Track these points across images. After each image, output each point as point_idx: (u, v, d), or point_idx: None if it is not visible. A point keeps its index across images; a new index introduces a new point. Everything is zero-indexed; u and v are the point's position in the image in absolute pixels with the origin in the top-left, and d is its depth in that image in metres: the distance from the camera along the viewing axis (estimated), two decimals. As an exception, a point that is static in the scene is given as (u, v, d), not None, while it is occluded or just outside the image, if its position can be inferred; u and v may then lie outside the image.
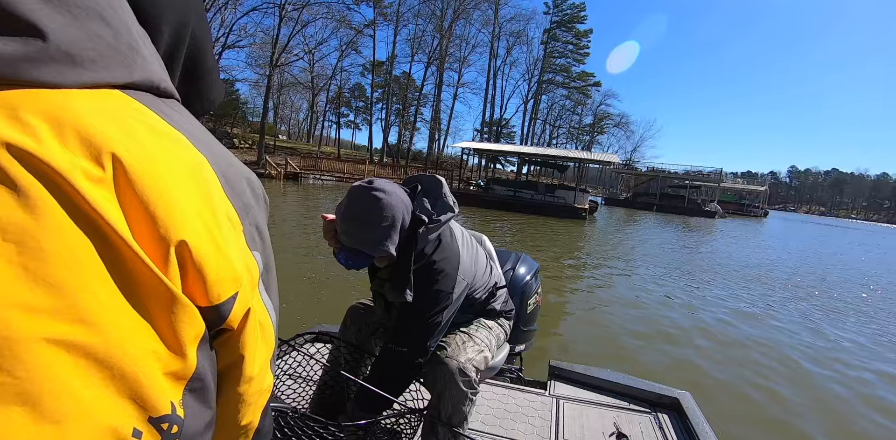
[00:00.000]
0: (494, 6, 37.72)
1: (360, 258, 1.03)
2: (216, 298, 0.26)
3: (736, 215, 38.47)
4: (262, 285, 0.33)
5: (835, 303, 6.12)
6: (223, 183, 0.29)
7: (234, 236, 0.29)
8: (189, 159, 0.27)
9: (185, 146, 0.27)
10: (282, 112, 45.14)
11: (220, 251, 0.26)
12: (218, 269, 0.26)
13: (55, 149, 0.20)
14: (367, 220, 0.98)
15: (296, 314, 3.41)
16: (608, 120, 49.81)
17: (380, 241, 0.99)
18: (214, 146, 0.30)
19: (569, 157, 21.10)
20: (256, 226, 0.32)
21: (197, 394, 0.26)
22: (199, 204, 0.26)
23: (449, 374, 1.09)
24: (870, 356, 3.95)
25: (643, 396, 1.72)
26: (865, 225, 70.71)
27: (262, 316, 0.32)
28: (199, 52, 0.36)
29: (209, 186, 0.27)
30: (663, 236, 14.48)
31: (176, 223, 0.24)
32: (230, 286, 0.27)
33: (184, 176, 0.25)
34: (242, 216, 0.30)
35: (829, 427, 2.60)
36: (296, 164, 23.04)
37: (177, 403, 0.24)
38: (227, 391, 0.31)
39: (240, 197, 0.30)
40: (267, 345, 0.34)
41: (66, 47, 0.22)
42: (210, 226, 0.26)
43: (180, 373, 0.25)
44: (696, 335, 3.99)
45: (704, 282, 6.53)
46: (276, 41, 25.37)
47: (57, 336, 0.19)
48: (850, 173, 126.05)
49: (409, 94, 38.60)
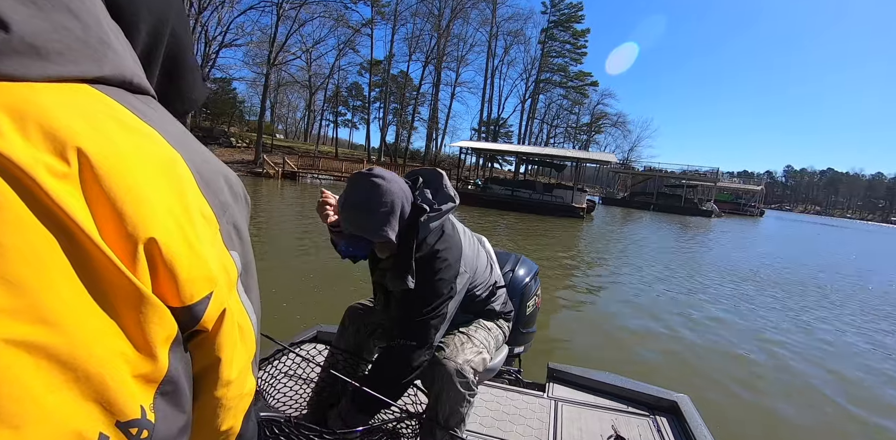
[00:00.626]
0: (492, 5, 37.71)
1: (361, 245, 1.03)
2: (188, 298, 0.26)
3: (732, 214, 38.65)
4: (240, 286, 0.32)
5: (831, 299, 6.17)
6: (198, 180, 0.28)
7: (209, 235, 0.28)
8: (161, 155, 0.26)
9: (158, 142, 0.26)
10: (279, 111, 45.08)
11: (193, 250, 0.26)
12: (190, 268, 0.25)
13: (16, 142, 0.20)
14: (367, 207, 0.99)
15: (295, 314, 3.41)
16: (605, 119, 49.92)
17: (380, 227, 0.99)
18: (190, 143, 0.29)
19: (567, 156, 21.14)
20: (234, 226, 0.32)
21: (169, 397, 0.25)
22: (170, 201, 0.25)
23: (447, 375, 1.09)
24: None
25: (641, 399, 1.72)
26: (864, 224, 71.19)
27: (240, 317, 0.31)
28: (179, 50, 0.35)
29: (182, 183, 0.26)
30: (660, 235, 14.53)
31: (145, 220, 0.23)
32: (203, 286, 0.27)
33: (154, 172, 0.25)
34: (219, 214, 0.29)
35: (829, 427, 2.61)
36: (293, 163, 22.99)
37: (147, 407, 0.24)
38: (205, 395, 0.30)
39: (216, 195, 0.30)
40: (247, 348, 0.32)
41: (30, 39, 0.22)
42: (182, 223, 0.25)
43: (151, 375, 0.24)
44: (697, 335, 4.00)
45: (703, 281, 6.56)
46: (274, 40, 25.30)
47: (16, 337, 0.18)
48: (845, 173, 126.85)
49: (406, 93, 38.55)
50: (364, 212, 0.99)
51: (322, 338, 2.05)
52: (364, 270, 1.26)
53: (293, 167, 22.64)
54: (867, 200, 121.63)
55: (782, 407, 2.79)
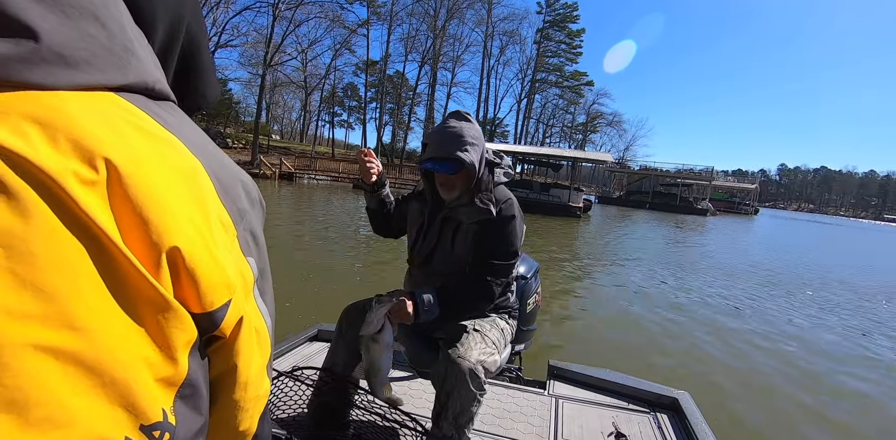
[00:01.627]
0: (488, 6, 37.71)
1: (447, 164, 1.16)
2: (209, 305, 0.26)
3: (727, 213, 38.83)
4: (257, 291, 0.33)
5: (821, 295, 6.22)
6: (217, 187, 0.28)
7: (227, 242, 0.28)
8: (183, 164, 0.26)
9: (180, 150, 0.27)
10: (274, 111, 44.87)
11: (213, 257, 0.26)
12: (210, 276, 0.26)
13: (46, 152, 0.20)
14: (461, 133, 1.15)
15: (295, 314, 3.40)
16: (601, 119, 50.16)
17: (467, 151, 1.14)
18: (209, 148, 0.30)
19: (564, 156, 21.18)
20: (251, 232, 0.32)
21: (188, 400, 0.26)
22: (191, 209, 0.26)
23: (461, 375, 1.09)
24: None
25: (642, 396, 1.72)
26: (858, 222, 71.62)
27: (257, 322, 0.32)
28: (195, 48, 0.36)
29: (203, 191, 0.27)
30: (658, 233, 14.60)
31: (169, 229, 0.23)
32: (223, 293, 0.27)
33: (177, 181, 0.25)
34: (237, 221, 0.30)
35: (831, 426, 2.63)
36: (290, 164, 22.91)
37: (168, 410, 0.24)
38: (223, 398, 0.31)
39: (234, 202, 0.30)
40: (262, 352, 0.33)
41: (58, 48, 0.22)
42: (203, 231, 0.26)
43: (171, 379, 0.24)
44: (696, 332, 4.01)
45: (701, 279, 6.59)
46: (270, 40, 25.18)
47: (45, 342, 0.19)
48: (838, 171, 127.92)
49: (402, 93, 38.48)
50: (458, 136, 1.14)
51: (322, 337, 2.04)
52: (363, 270, 1.25)
53: (290, 168, 22.55)
54: (860, 198, 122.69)
55: (782, 406, 2.79)
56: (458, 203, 1.23)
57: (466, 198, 1.21)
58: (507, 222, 1.22)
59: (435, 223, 1.27)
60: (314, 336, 2.05)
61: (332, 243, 6.99)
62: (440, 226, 1.26)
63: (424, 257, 1.29)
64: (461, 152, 1.13)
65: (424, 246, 1.29)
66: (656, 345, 3.63)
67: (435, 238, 1.27)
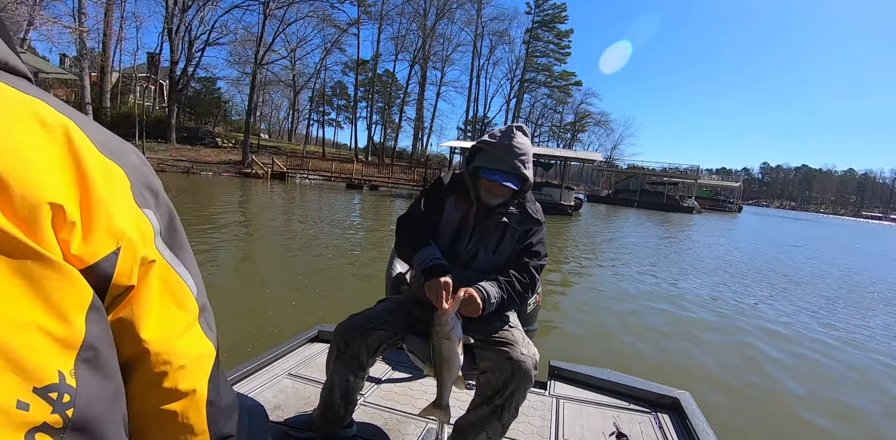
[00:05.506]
0: (477, 6, 37.71)
1: (513, 179, 1.24)
2: (91, 257, 0.25)
3: (712, 210, 39.50)
4: (160, 244, 0.32)
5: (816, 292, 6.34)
6: (96, 142, 0.28)
7: (118, 192, 0.28)
8: (50, 120, 0.26)
9: (45, 109, 0.26)
10: (262, 110, 44.21)
11: (98, 206, 0.26)
12: (91, 227, 0.25)
13: None
14: (525, 151, 1.25)
15: (295, 314, 3.36)
16: (589, 118, 50.62)
17: (530, 166, 1.26)
18: (84, 117, 0.30)
19: (555, 155, 21.30)
20: (148, 186, 0.32)
21: (91, 363, 0.25)
22: (64, 163, 0.25)
23: (527, 372, 1.13)
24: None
25: (643, 396, 1.73)
26: (837, 219, 73.02)
27: (165, 273, 0.31)
28: None
29: (76, 145, 0.26)
30: (646, 231, 14.77)
31: (35, 185, 0.23)
32: (108, 242, 0.26)
33: (42, 138, 0.25)
34: (129, 173, 0.30)
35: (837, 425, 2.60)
36: (282, 164, 22.62)
37: (66, 372, 0.23)
38: (145, 355, 0.30)
39: (119, 156, 0.30)
40: (179, 305, 0.32)
41: None
42: (80, 184, 0.25)
43: (68, 341, 0.24)
44: (695, 331, 4.02)
45: (697, 277, 6.68)
46: (261, 39, 24.82)
47: None
48: (818, 169, 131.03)
49: (392, 93, 38.25)
50: (524, 153, 1.24)
51: (322, 338, 2.04)
52: (361, 270, 1.23)
53: (282, 168, 22.26)
54: (839, 195, 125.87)
55: (784, 405, 2.77)
56: (505, 210, 1.29)
57: (513, 204, 1.30)
58: (544, 227, 1.35)
59: (487, 227, 1.29)
60: (314, 337, 2.05)
61: (332, 244, 6.92)
62: (490, 229, 1.29)
63: (469, 257, 1.32)
64: (527, 170, 1.24)
65: (470, 246, 1.31)
66: (656, 344, 3.62)
67: (481, 239, 1.30)
